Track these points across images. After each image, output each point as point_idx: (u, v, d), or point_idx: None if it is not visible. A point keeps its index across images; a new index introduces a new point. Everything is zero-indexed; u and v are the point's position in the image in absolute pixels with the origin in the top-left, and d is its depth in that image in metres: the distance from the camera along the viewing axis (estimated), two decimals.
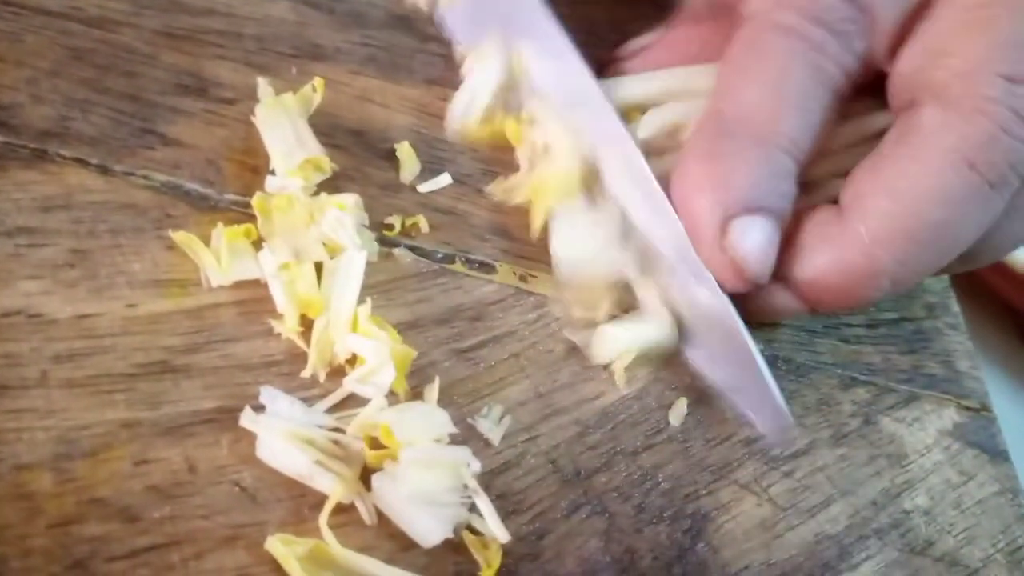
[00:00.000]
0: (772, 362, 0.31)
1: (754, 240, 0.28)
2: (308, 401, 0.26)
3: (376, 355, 0.25)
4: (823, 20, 0.28)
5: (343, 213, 0.27)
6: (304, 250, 0.27)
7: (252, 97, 0.31)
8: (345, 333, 0.26)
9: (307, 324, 0.27)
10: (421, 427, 0.24)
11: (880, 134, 0.29)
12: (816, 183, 0.30)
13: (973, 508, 0.30)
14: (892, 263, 0.27)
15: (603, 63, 0.34)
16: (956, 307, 0.34)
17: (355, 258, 0.27)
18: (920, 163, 0.26)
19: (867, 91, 0.29)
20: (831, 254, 0.28)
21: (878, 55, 0.28)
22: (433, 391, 0.26)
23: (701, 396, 0.30)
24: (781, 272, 0.29)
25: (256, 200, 0.27)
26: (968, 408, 0.32)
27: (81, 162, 0.28)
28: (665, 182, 0.29)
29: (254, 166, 0.30)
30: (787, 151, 0.28)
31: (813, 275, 0.28)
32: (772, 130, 0.28)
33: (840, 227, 0.28)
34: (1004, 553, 0.29)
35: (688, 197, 0.28)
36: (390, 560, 0.24)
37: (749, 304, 0.29)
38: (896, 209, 0.27)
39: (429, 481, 0.24)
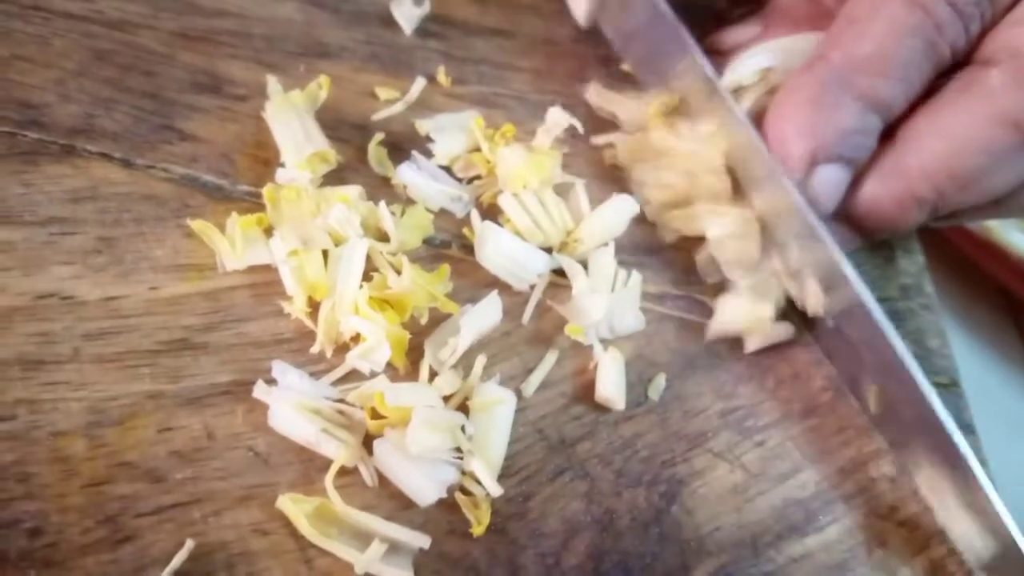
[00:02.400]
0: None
1: (833, 185, 0.31)
2: (315, 375, 0.28)
3: (374, 335, 0.27)
4: (953, 1, 0.30)
5: (347, 208, 0.29)
6: (311, 238, 0.29)
7: (263, 94, 0.33)
8: (348, 314, 0.28)
9: (314, 305, 0.29)
10: (411, 398, 0.26)
11: None
12: None
13: None
14: (932, 194, 0.31)
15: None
16: (930, 288, 0.36)
17: (357, 246, 0.29)
18: (973, 114, 0.30)
19: None
20: (882, 180, 0.31)
21: (987, 30, 0.31)
22: (425, 367, 0.28)
23: (679, 372, 0.32)
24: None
25: (267, 191, 0.30)
26: (938, 384, 0.34)
27: (106, 156, 0.31)
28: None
29: (265, 159, 0.32)
30: (880, 112, 0.31)
31: (864, 198, 0.31)
32: (873, 92, 0.30)
33: (893, 157, 0.31)
34: None
35: (784, 137, 0.31)
36: (390, 518, 0.26)
37: None
38: (944, 149, 0.30)
39: (430, 441, 0.26)
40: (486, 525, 0.27)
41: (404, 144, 0.34)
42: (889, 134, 0.31)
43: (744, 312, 0.31)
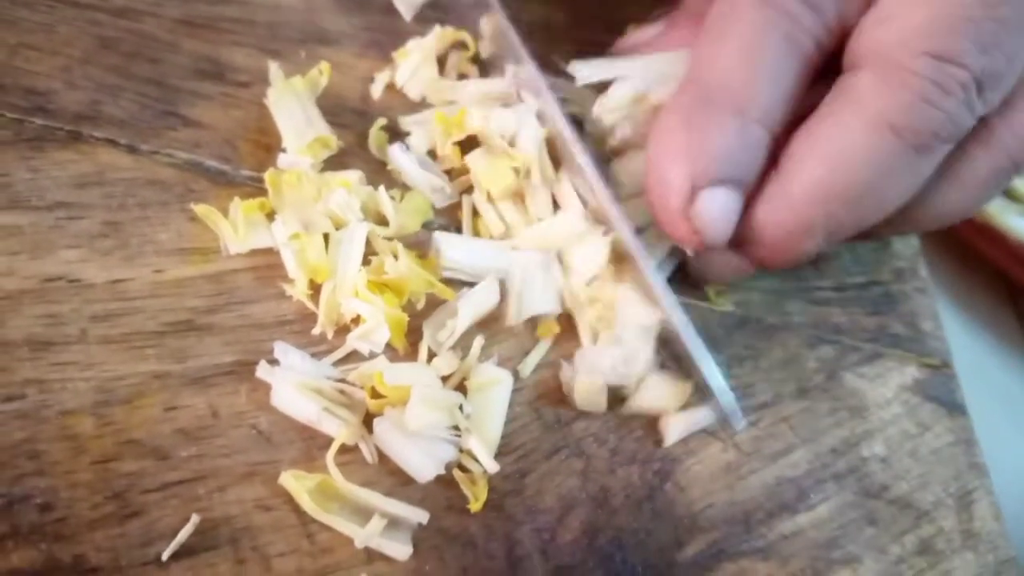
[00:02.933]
0: (743, 323, 0.33)
1: (718, 211, 0.29)
2: (317, 356, 0.29)
3: (372, 317, 0.28)
4: None
5: (347, 192, 0.29)
6: (312, 222, 0.30)
7: (265, 80, 0.34)
8: (348, 296, 0.28)
9: (315, 288, 0.30)
10: (409, 377, 0.27)
11: None
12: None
13: (928, 456, 0.32)
14: (823, 220, 0.29)
15: (596, 45, 0.36)
16: (924, 272, 0.37)
17: (357, 230, 0.29)
18: (848, 126, 0.28)
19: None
20: (767, 211, 0.29)
21: (849, 24, 0.29)
22: (424, 348, 0.29)
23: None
24: None
25: (269, 176, 0.30)
26: (929, 365, 0.34)
27: (111, 142, 0.31)
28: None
29: (267, 144, 0.33)
30: (760, 122, 0.29)
31: (753, 227, 0.30)
32: (746, 100, 0.29)
33: (776, 186, 0.29)
34: (954, 498, 0.32)
35: (661, 164, 0.29)
36: (389, 494, 0.27)
37: (696, 266, 0.32)
38: (825, 170, 0.28)
39: (428, 419, 0.27)
40: (483, 501, 0.27)
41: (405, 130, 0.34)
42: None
43: (665, 392, 0.30)
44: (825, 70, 0.30)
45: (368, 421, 0.28)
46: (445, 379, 0.29)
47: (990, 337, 0.46)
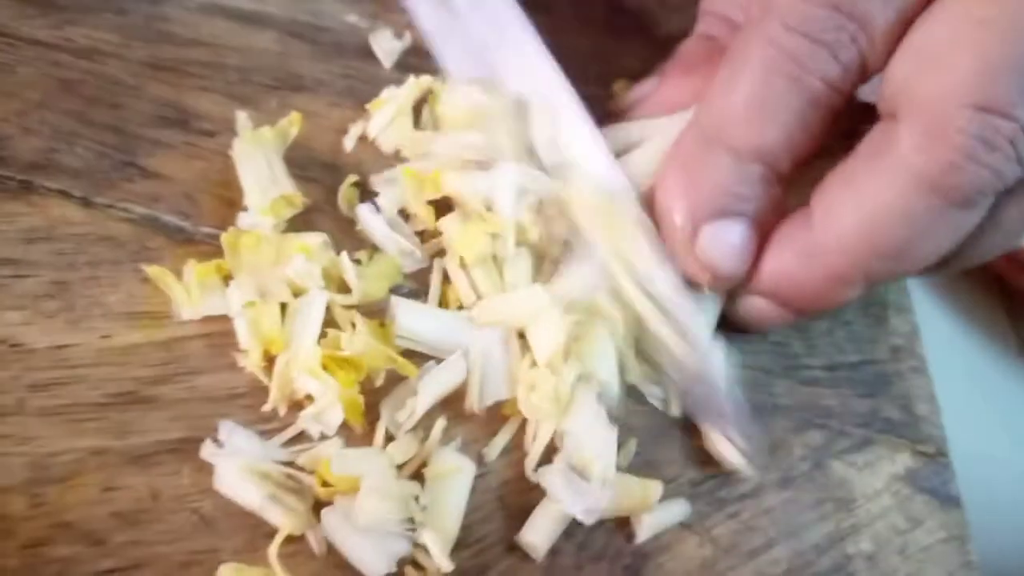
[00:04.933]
0: None
1: (723, 244, 0.29)
2: (268, 434, 0.27)
3: (324, 397, 0.26)
4: (807, 31, 0.28)
5: (307, 260, 0.28)
6: (269, 289, 0.28)
7: (232, 129, 0.32)
8: (301, 372, 0.27)
9: (270, 359, 0.28)
10: (359, 466, 0.25)
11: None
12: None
13: (918, 555, 0.31)
14: (858, 272, 0.29)
15: (588, 99, 0.35)
16: (922, 350, 0.35)
17: (316, 299, 0.28)
18: (887, 182, 0.27)
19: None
20: (801, 260, 0.29)
21: (872, 61, 0.28)
22: (380, 429, 0.27)
23: (652, 438, 0.30)
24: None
25: (225, 238, 0.29)
26: (923, 453, 0.33)
27: (64, 194, 0.30)
28: None
29: (230, 199, 0.31)
30: (758, 159, 0.29)
31: (781, 279, 0.30)
32: (744, 140, 0.29)
33: (809, 234, 0.29)
34: None
35: (663, 205, 0.30)
36: None
37: (732, 314, 0.31)
38: (861, 223, 0.28)
39: (379, 512, 0.25)
40: None
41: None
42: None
43: (633, 495, 0.28)
44: None
45: (319, 508, 0.26)
46: (402, 466, 0.27)
47: (982, 338, 0.45)
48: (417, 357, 0.29)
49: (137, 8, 0.34)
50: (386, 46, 0.35)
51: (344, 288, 0.29)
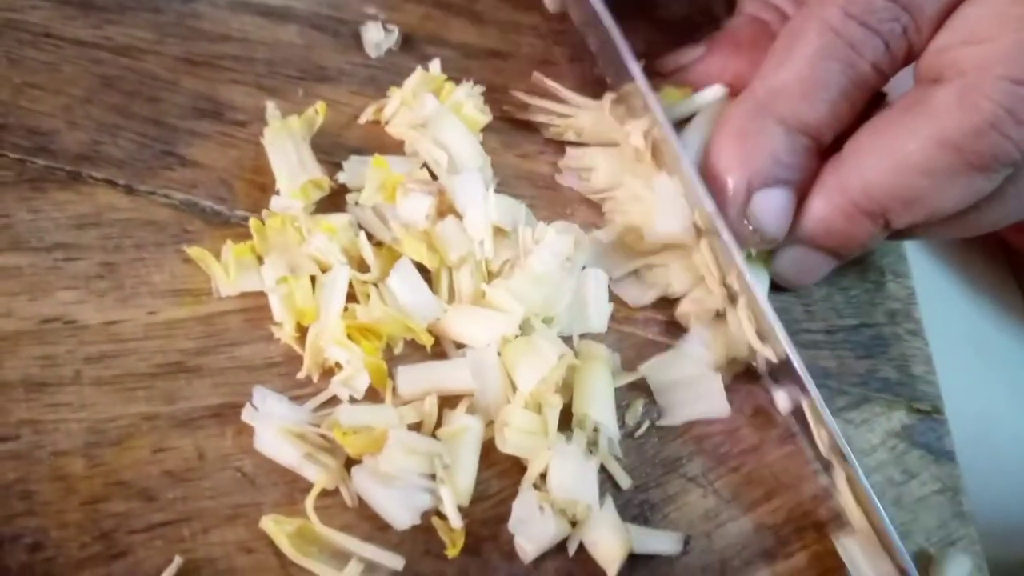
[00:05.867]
0: (729, 365, 0.33)
1: (772, 209, 0.32)
2: (303, 399, 0.30)
3: (350, 363, 0.28)
4: (865, 20, 0.30)
5: (328, 238, 0.30)
6: (299, 266, 0.30)
7: (262, 119, 0.34)
8: (329, 342, 0.29)
9: (302, 330, 0.30)
10: (368, 418, 0.28)
11: None
12: None
13: (912, 505, 0.32)
14: (878, 212, 0.31)
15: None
16: (918, 313, 0.36)
17: (339, 275, 0.30)
18: (915, 137, 0.29)
19: None
20: (825, 196, 0.32)
21: (918, 47, 0.31)
22: (388, 392, 0.30)
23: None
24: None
25: (253, 222, 0.31)
26: (919, 410, 0.34)
27: (110, 183, 0.32)
28: None
29: (262, 184, 0.33)
30: (806, 132, 0.31)
31: (811, 215, 0.32)
32: (795, 116, 0.31)
33: (836, 174, 0.31)
34: (937, 547, 0.32)
35: (717, 171, 0.32)
36: (368, 538, 0.28)
37: (781, 272, 0.34)
38: (885, 168, 0.30)
39: (403, 465, 0.28)
40: (460, 547, 0.28)
41: None
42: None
43: (610, 543, 0.29)
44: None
45: (351, 465, 0.29)
46: (416, 427, 0.29)
47: (989, 304, 0.46)
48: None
49: (170, 6, 0.36)
50: (374, 38, 0.37)
51: (364, 266, 0.31)
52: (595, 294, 0.32)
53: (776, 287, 0.35)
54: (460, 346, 0.31)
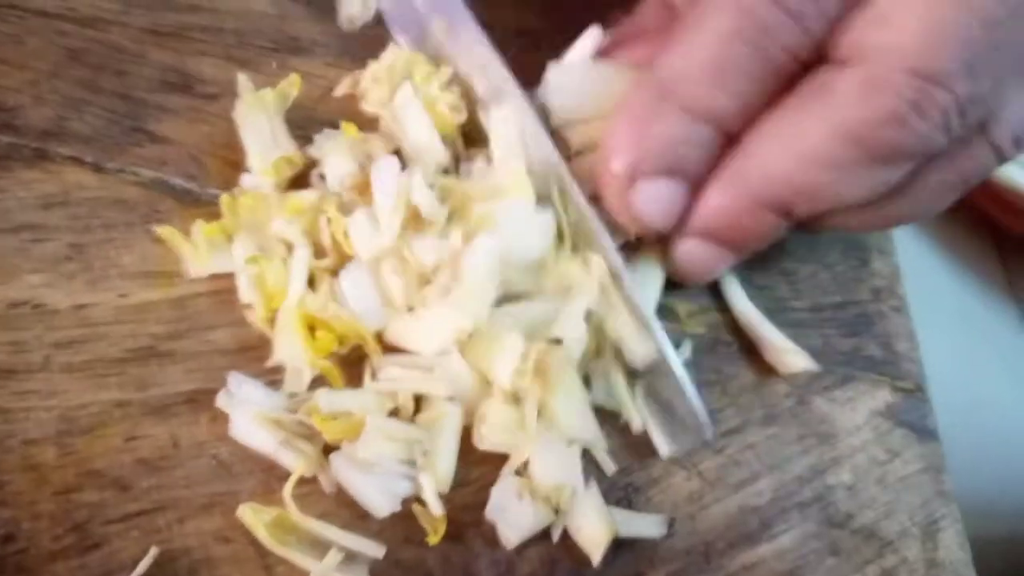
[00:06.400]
0: (713, 346, 0.33)
1: (658, 200, 0.30)
2: (277, 384, 0.29)
3: (294, 362, 0.28)
4: (782, 1, 0.27)
5: (287, 221, 0.29)
6: (269, 246, 0.29)
7: (234, 92, 0.33)
8: (280, 331, 0.28)
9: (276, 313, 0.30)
10: (349, 403, 0.27)
11: None
12: None
13: (895, 484, 0.32)
14: (777, 204, 0.29)
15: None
16: (903, 290, 0.36)
17: (299, 257, 0.29)
18: (816, 127, 0.27)
19: None
20: (723, 187, 0.29)
21: (837, 30, 0.28)
22: (367, 375, 0.29)
23: (640, 377, 0.32)
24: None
25: (224, 199, 0.30)
26: (902, 389, 0.34)
27: (77, 160, 0.31)
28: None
29: (234, 161, 0.32)
30: (710, 122, 0.29)
31: (709, 207, 0.30)
32: (699, 102, 0.28)
33: (735, 162, 0.29)
34: (920, 527, 0.32)
35: (606, 153, 0.30)
36: (347, 526, 0.27)
37: (675, 265, 0.32)
38: (785, 162, 0.28)
39: (381, 451, 0.27)
40: (442, 534, 0.28)
41: None
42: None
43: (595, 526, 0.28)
44: None
45: (329, 452, 0.28)
46: (394, 414, 0.29)
47: (975, 281, 0.46)
48: None
49: None
50: (351, 11, 0.36)
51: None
52: None
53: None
54: None
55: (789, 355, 0.32)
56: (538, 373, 0.28)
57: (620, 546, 0.29)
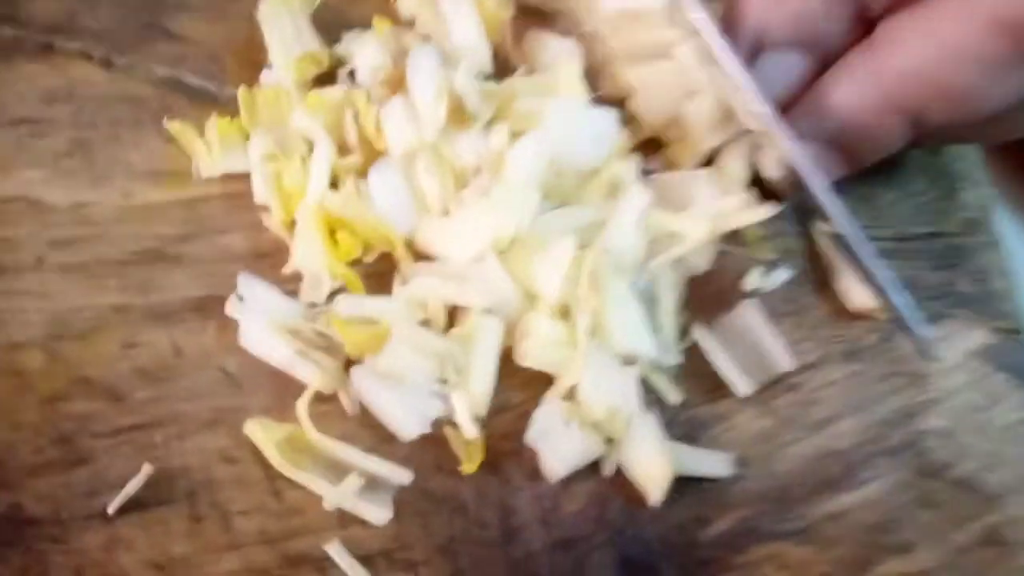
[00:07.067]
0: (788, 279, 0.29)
1: (780, 73, 0.28)
2: (295, 293, 0.26)
3: (312, 269, 0.25)
4: None
5: (309, 114, 0.26)
6: (289, 145, 0.26)
7: None
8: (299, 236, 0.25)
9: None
10: (372, 312, 0.24)
11: None
12: None
13: (997, 433, 0.28)
14: (914, 104, 0.27)
15: None
16: (996, 225, 0.32)
17: (320, 152, 0.26)
18: (965, 18, 0.25)
19: None
20: (856, 84, 0.27)
21: None
22: (397, 284, 0.26)
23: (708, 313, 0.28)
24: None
25: (243, 94, 0.27)
26: (1001, 330, 0.30)
27: (85, 55, 0.28)
28: None
29: (256, 62, 0.29)
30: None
31: (837, 105, 0.27)
32: None
33: (870, 61, 0.27)
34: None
35: (739, 14, 0.28)
36: (371, 450, 0.24)
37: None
38: (928, 54, 0.26)
39: (408, 364, 0.24)
40: (477, 463, 0.24)
41: None
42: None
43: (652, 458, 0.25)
44: None
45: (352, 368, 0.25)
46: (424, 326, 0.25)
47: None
48: None
49: None
50: None
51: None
52: None
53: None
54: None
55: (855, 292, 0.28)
56: (590, 282, 0.25)
57: (682, 486, 0.25)
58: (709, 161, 0.29)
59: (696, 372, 0.27)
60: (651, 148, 0.30)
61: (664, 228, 0.27)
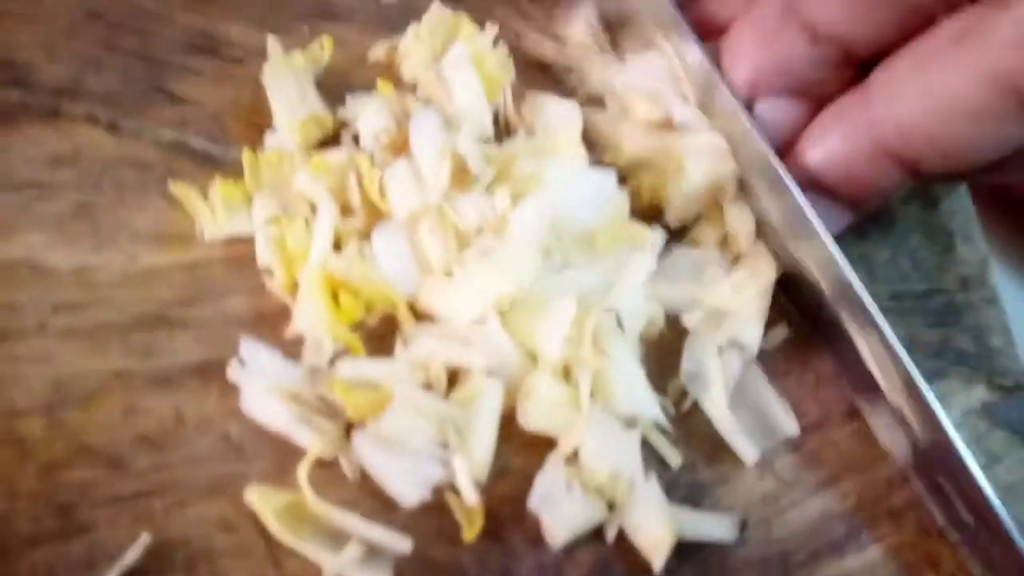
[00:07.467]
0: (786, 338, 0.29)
1: (774, 120, 0.29)
2: (296, 358, 0.26)
3: (313, 332, 0.25)
4: None
5: (312, 177, 0.26)
6: (291, 206, 0.27)
7: (262, 57, 0.31)
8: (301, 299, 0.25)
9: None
10: (375, 375, 0.24)
11: None
12: None
13: (998, 494, 0.28)
14: (905, 156, 0.27)
15: None
16: (993, 280, 0.32)
17: (324, 214, 0.26)
18: (966, 71, 0.25)
19: None
20: (849, 131, 0.27)
21: None
22: (399, 346, 0.26)
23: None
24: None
25: (247, 155, 0.27)
26: (1000, 386, 0.30)
27: (92, 119, 0.29)
28: None
29: (260, 125, 0.30)
30: (836, 45, 0.27)
31: (829, 154, 0.28)
32: (821, 20, 0.27)
33: (864, 109, 0.27)
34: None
35: (726, 65, 0.29)
36: (371, 517, 0.23)
37: None
38: (925, 106, 0.26)
39: (409, 428, 0.24)
40: (477, 530, 0.24)
41: None
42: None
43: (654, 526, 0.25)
44: None
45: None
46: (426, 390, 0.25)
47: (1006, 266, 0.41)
48: None
49: None
50: None
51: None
52: None
53: None
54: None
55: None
56: (593, 343, 0.25)
57: (684, 552, 0.25)
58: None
59: (696, 433, 0.27)
60: (651, 213, 0.30)
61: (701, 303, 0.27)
